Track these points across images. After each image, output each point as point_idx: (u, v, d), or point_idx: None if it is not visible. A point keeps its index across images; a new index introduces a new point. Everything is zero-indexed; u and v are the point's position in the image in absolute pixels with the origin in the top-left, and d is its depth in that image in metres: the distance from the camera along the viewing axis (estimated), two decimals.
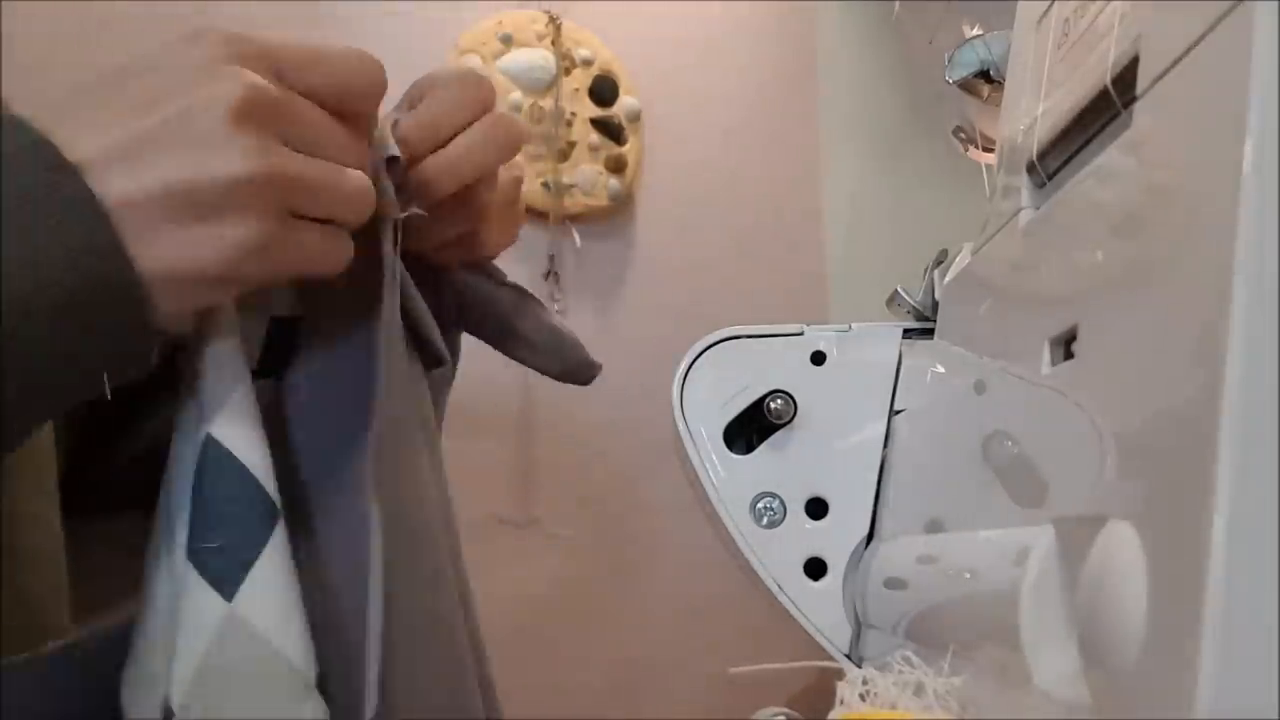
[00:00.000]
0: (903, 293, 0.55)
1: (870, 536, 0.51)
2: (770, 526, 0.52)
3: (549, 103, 0.86)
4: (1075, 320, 0.32)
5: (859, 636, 0.50)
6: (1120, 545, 0.25)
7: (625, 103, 0.89)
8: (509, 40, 0.86)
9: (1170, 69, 0.28)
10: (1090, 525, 0.27)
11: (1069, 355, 0.33)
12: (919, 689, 0.34)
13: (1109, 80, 0.32)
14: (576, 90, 0.87)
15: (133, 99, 0.31)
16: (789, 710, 0.43)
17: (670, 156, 0.92)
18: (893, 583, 0.46)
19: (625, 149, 0.89)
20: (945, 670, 0.35)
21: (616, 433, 0.88)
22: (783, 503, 0.52)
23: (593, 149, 0.88)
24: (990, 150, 0.60)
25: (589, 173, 0.87)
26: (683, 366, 0.54)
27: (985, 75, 0.57)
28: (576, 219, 0.88)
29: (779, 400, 0.53)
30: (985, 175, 0.60)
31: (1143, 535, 0.25)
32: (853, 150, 0.98)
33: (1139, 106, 0.30)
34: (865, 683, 0.36)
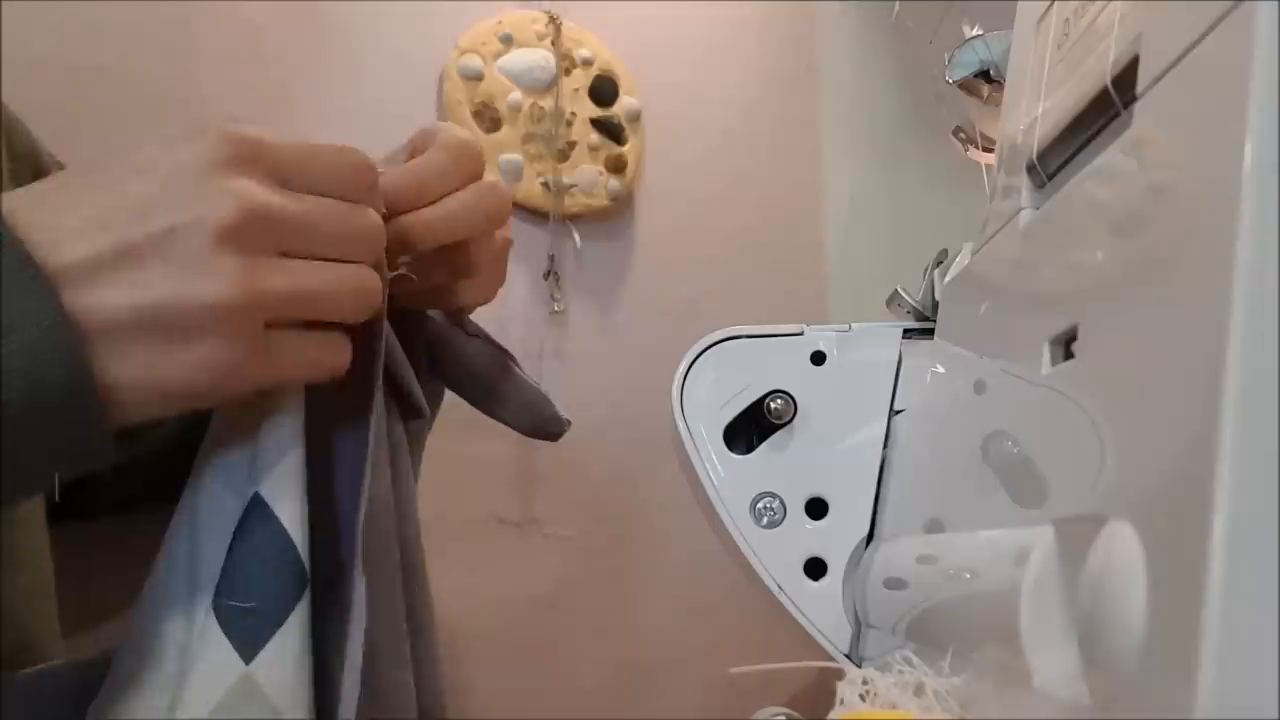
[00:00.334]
0: (903, 293, 0.55)
1: (870, 536, 0.51)
2: (770, 526, 0.52)
3: (549, 103, 0.86)
4: (1075, 320, 0.32)
5: (859, 636, 0.50)
6: (1120, 545, 0.25)
7: (625, 103, 0.89)
8: (509, 40, 0.86)
9: (1170, 69, 0.28)
10: (1090, 525, 0.27)
11: (1069, 355, 0.33)
12: (919, 689, 0.34)
13: (1109, 80, 0.32)
14: (576, 90, 0.87)
15: (118, 202, 0.31)
16: (789, 710, 0.43)
17: (670, 156, 0.92)
18: (893, 583, 0.46)
19: (625, 149, 0.89)
20: (945, 670, 0.35)
21: (616, 433, 0.88)
22: (783, 503, 0.52)
23: (593, 149, 0.88)
24: (990, 150, 0.60)
25: (589, 173, 0.87)
26: (683, 366, 0.54)
27: (985, 75, 0.57)
28: (576, 219, 0.88)
29: (779, 400, 0.53)
30: (985, 175, 0.60)
31: (1143, 535, 0.25)
32: (853, 150, 0.98)
33: (1139, 106, 0.30)
34: (865, 683, 0.35)
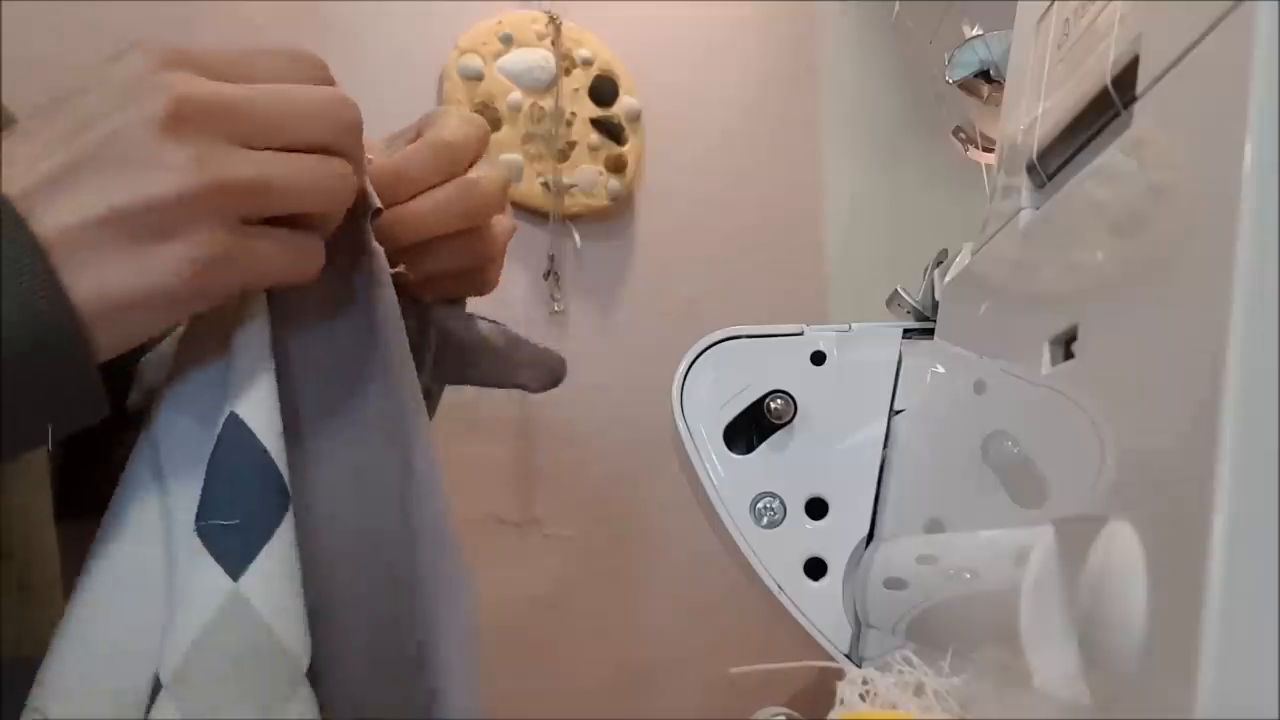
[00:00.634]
0: (903, 293, 0.55)
1: (870, 536, 0.51)
2: (770, 526, 0.52)
3: (549, 103, 0.86)
4: (1075, 320, 0.32)
5: (859, 636, 0.50)
6: (1120, 545, 0.25)
7: (625, 103, 0.89)
8: (509, 40, 0.86)
9: (1170, 69, 0.28)
10: (1090, 525, 0.27)
11: (1069, 355, 0.33)
12: (919, 689, 0.34)
13: (1109, 80, 0.32)
14: (576, 90, 0.87)
15: (63, 126, 0.30)
16: (789, 710, 0.43)
17: (670, 156, 0.92)
18: (893, 583, 0.46)
19: (625, 149, 0.89)
20: (945, 670, 0.35)
21: (616, 433, 0.88)
22: (783, 503, 0.52)
23: (593, 149, 0.88)
24: (990, 150, 0.60)
25: (589, 173, 0.87)
26: (683, 366, 0.54)
27: (985, 75, 0.57)
28: (576, 219, 0.88)
29: (779, 400, 0.53)
30: (985, 175, 0.60)
31: (1143, 535, 0.25)
32: (853, 150, 0.98)
33: (1139, 106, 0.30)
34: (865, 683, 0.35)
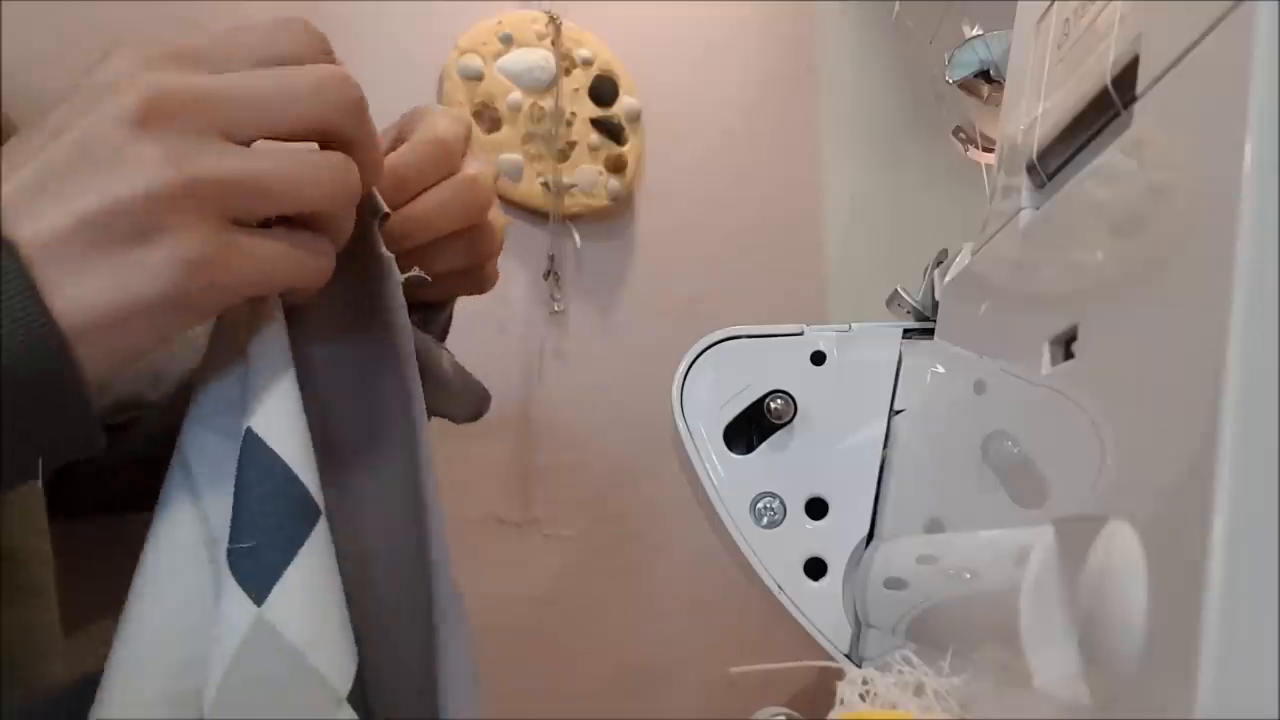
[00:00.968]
0: (903, 293, 0.55)
1: (870, 536, 0.51)
2: (770, 526, 0.52)
3: (549, 103, 0.86)
4: (1075, 320, 0.32)
5: (859, 636, 0.50)
6: (1120, 545, 0.25)
7: (625, 103, 0.89)
8: (509, 40, 0.86)
9: (1170, 69, 0.28)
10: (1090, 525, 0.27)
11: (1069, 355, 0.33)
12: (919, 689, 0.34)
13: (1109, 80, 0.32)
14: (576, 90, 0.87)
15: (42, 134, 0.29)
16: (789, 710, 0.43)
17: (670, 156, 0.92)
18: (893, 583, 0.46)
19: (625, 149, 0.89)
20: (945, 670, 0.35)
21: (616, 433, 0.88)
22: (783, 503, 0.52)
23: (593, 149, 0.88)
24: (990, 150, 0.60)
25: (589, 173, 0.87)
26: (683, 366, 0.54)
27: (985, 75, 0.57)
28: (576, 219, 0.88)
29: (779, 400, 0.53)
30: (985, 175, 0.60)
31: (1143, 535, 0.25)
32: (853, 150, 0.98)
33: (1139, 106, 0.30)
34: (865, 683, 0.35)
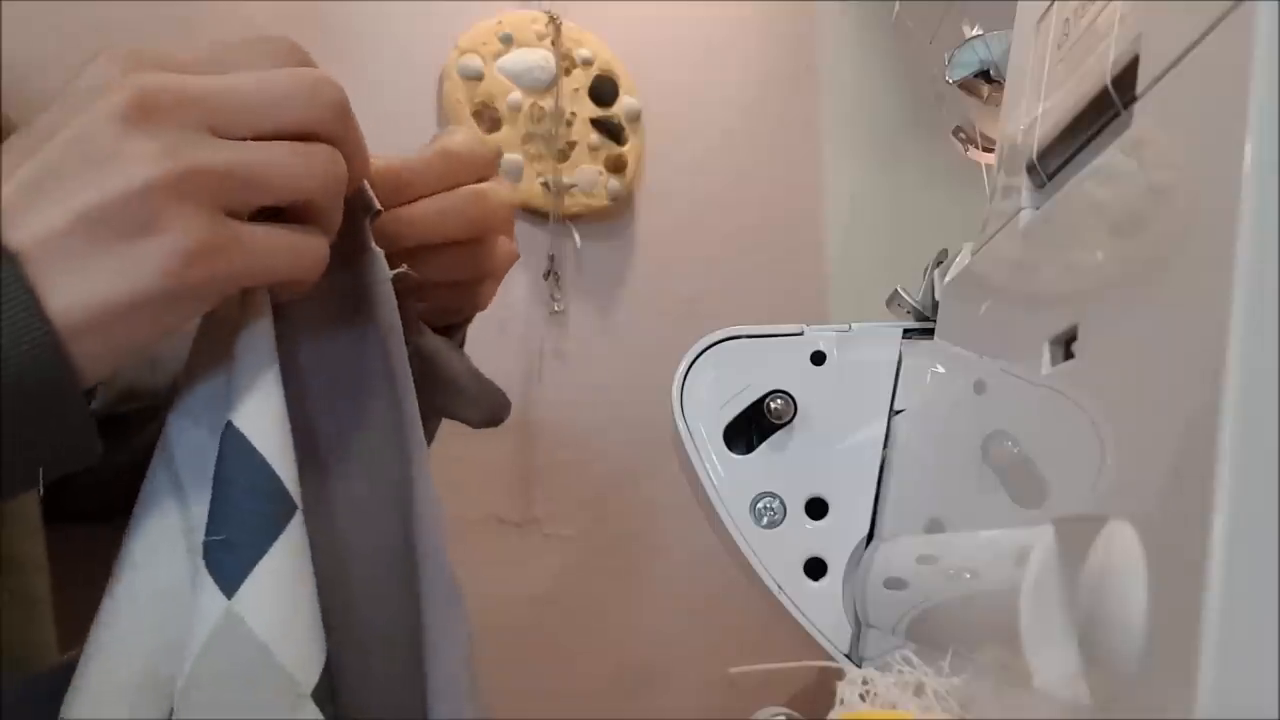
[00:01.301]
0: (903, 293, 0.55)
1: (870, 536, 0.51)
2: (770, 526, 0.52)
3: (549, 103, 0.86)
4: (1075, 320, 0.32)
5: (859, 636, 0.50)
6: (1120, 545, 0.25)
7: (625, 103, 0.89)
8: (509, 40, 0.86)
9: (1170, 69, 0.28)
10: (1090, 525, 0.27)
11: (1069, 355, 0.33)
12: (919, 689, 0.34)
13: (1109, 80, 0.32)
14: (576, 90, 0.87)
15: (33, 138, 0.29)
16: (789, 710, 0.43)
17: (670, 156, 0.92)
18: (893, 583, 0.46)
19: (625, 149, 0.89)
20: (945, 670, 0.35)
21: (616, 433, 0.88)
22: (783, 503, 0.52)
23: (593, 149, 0.88)
24: (990, 150, 0.60)
25: (589, 173, 0.87)
26: (683, 366, 0.54)
27: (985, 75, 0.57)
28: (576, 219, 0.88)
29: (779, 400, 0.53)
30: (985, 175, 0.60)
31: (1143, 535, 0.25)
32: (853, 150, 0.98)
33: (1139, 106, 0.30)
34: (865, 683, 0.35)
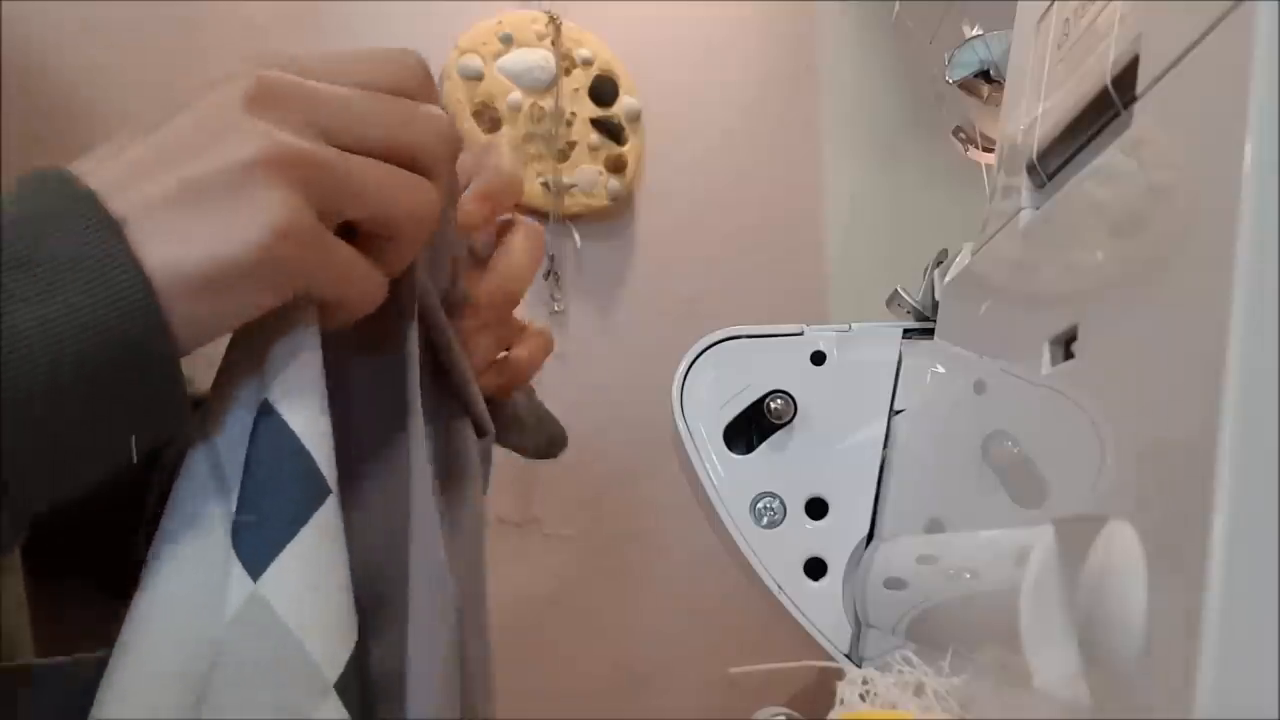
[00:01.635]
0: (903, 293, 0.55)
1: (870, 536, 0.51)
2: (770, 526, 0.52)
3: (549, 103, 0.86)
4: (1075, 320, 0.32)
5: (859, 636, 0.50)
6: (1120, 545, 0.25)
7: (625, 103, 0.89)
8: (509, 40, 0.86)
9: (1170, 69, 0.28)
10: (1090, 525, 0.27)
11: (1069, 355, 0.33)
12: (919, 689, 0.34)
13: (1109, 80, 0.32)
14: (576, 90, 0.87)
15: (147, 125, 0.30)
16: (789, 710, 0.43)
17: (670, 156, 0.92)
18: (893, 583, 0.46)
19: (625, 149, 0.89)
20: (945, 670, 0.35)
21: (616, 433, 0.88)
22: (783, 503, 0.52)
23: (593, 149, 0.88)
24: (990, 150, 0.60)
25: (589, 173, 0.87)
26: (683, 366, 0.54)
27: (985, 75, 0.57)
28: (576, 219, 0.88)
29: (779, 400, 0.53)
30: (985, 175, 0.60)
31: (1143, 535, 0.25)
32: (853, 150, 0.98)
33: (1139, 106, 0.30)
34: (865, 683, 0.35)
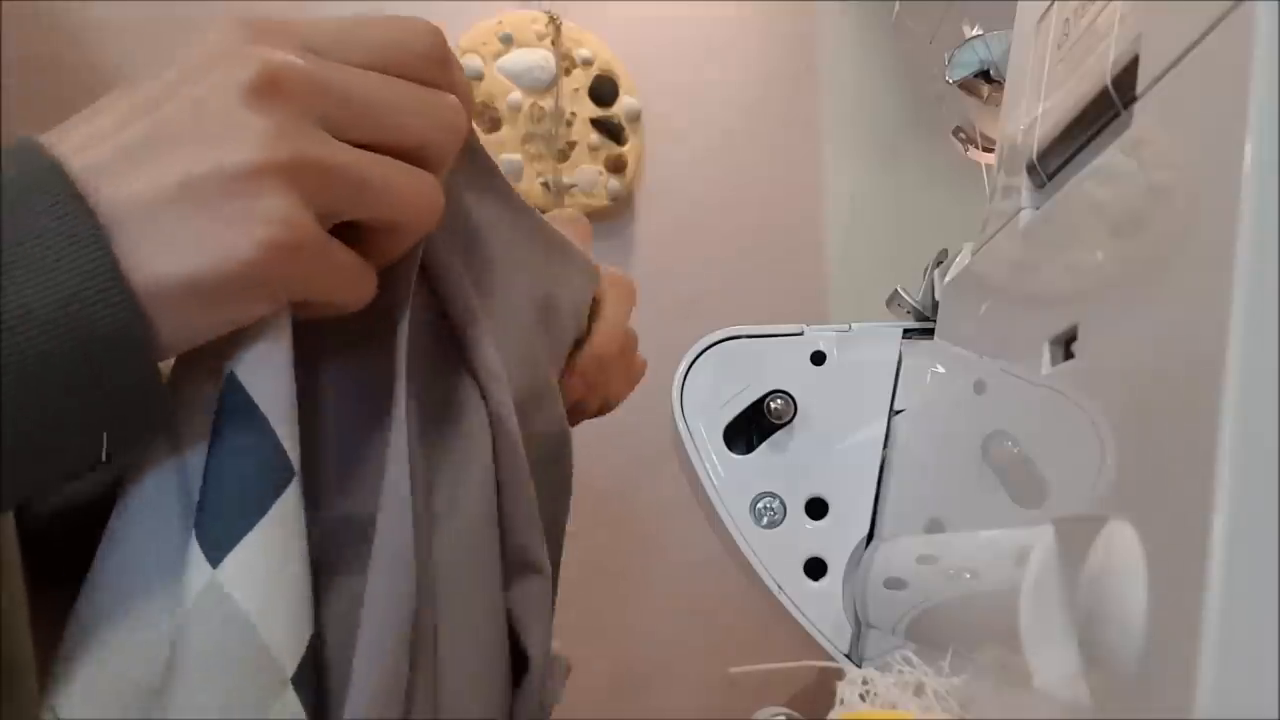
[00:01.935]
0: (903, 293, 0.55)
1: (870, 536, 0.51)
2: (770, 526, 0.52)
3: (549, 103, 0.86)
4: (1075, 320, 0.32)
5: (859, 636, 0.50)
6: (1120, 545, 0.25)
7: (625, 103, 0.89)
8: (509, 40, 0.86)
9: (1170, 69, 0.28)
10: (1090, 525, 0.27)
11: (1069, 355, 0.33)
12: (919, 689, 0.34)
13: (1109, 80, 0.32)
14: (576, 90, 0.87)
15: (141, 97, 0.28)
16: (789, 710, 0.43)
17: (670, 156, 0.92)
18: (893, 583, 0.46)
19: (625, 149, 0.89)
20: (945, 670, 0.35)
21: (616, 433, 0.88)
22: (783, 503, 0.52)
23: (593, 149, 0.88)
24: (990, 150, 0.60)
25: (589, 173, 0.87)
26: (683, 366, 0.54)
27: (985, 75, 0.57)
28: None
29: (779, 400, 0.53)
30: (985, 175, 0.60)
31: (1143, 535, 0.25)
32: (853, 150, 0.98)
33: (1139, 106, 0.30)
34: (865, 683, 0.35)
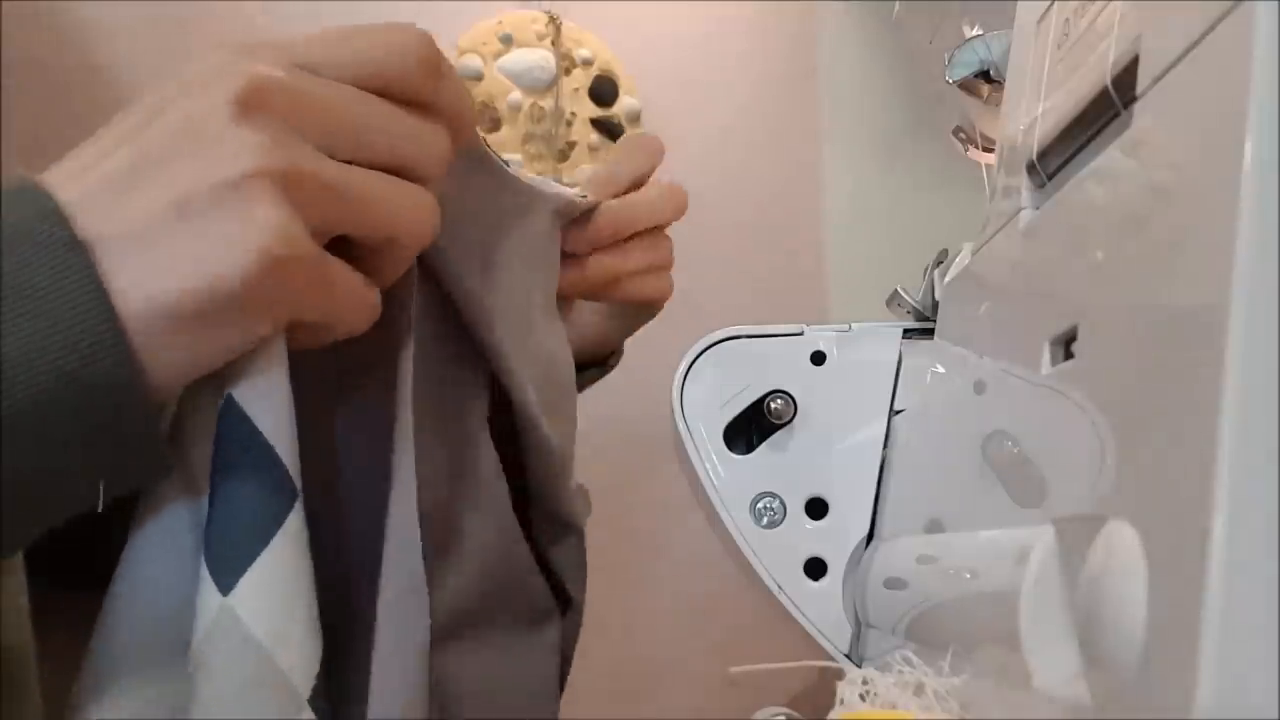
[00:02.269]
0: (903, 293, 0.55)
1: (870, 536, 0.51)
2: (770, 526, 0.52)
3: (549, 103, 0.86)
4: (1075, 320, 0.32)
5: (859, 636, 0.50)
6: (1120, 545, 0.25)
7: (625, 103, 0.89)
8: (509, 40, 0.86)
9: (1170, 69, 0.28)
10: (1090, 525, 0.27)
11: (1069, 355, 0.33)
12: (919, 689, 0.34)
13: (1109, 80, 0.32)
14: (576, 90, 0.87)
15: (131, 123, 0.28)
16: (789, 710, 0.43)
17: (670, 156, 0.92)
18: (893, 583, 0.46)
19: None
20: (945, 670, 0.35)
21: (616, 432, 0.88)
22: (783, 503, 0.52)
23: (593, 149, 0.88)
24: (990, 150, 0.60)
25: (589, 173, 0.87)
26: (683, 366, 0.54)
27: (985, 75, 0.57)
28: None
29: (779, 400, 0.53)
30: (985, 175, 0.60)
31: (1143, 535, 0.25)
32: (853, 150, 0.98)
33: (1139, 106, 0.30)
34: (865, 683, 0.35)
